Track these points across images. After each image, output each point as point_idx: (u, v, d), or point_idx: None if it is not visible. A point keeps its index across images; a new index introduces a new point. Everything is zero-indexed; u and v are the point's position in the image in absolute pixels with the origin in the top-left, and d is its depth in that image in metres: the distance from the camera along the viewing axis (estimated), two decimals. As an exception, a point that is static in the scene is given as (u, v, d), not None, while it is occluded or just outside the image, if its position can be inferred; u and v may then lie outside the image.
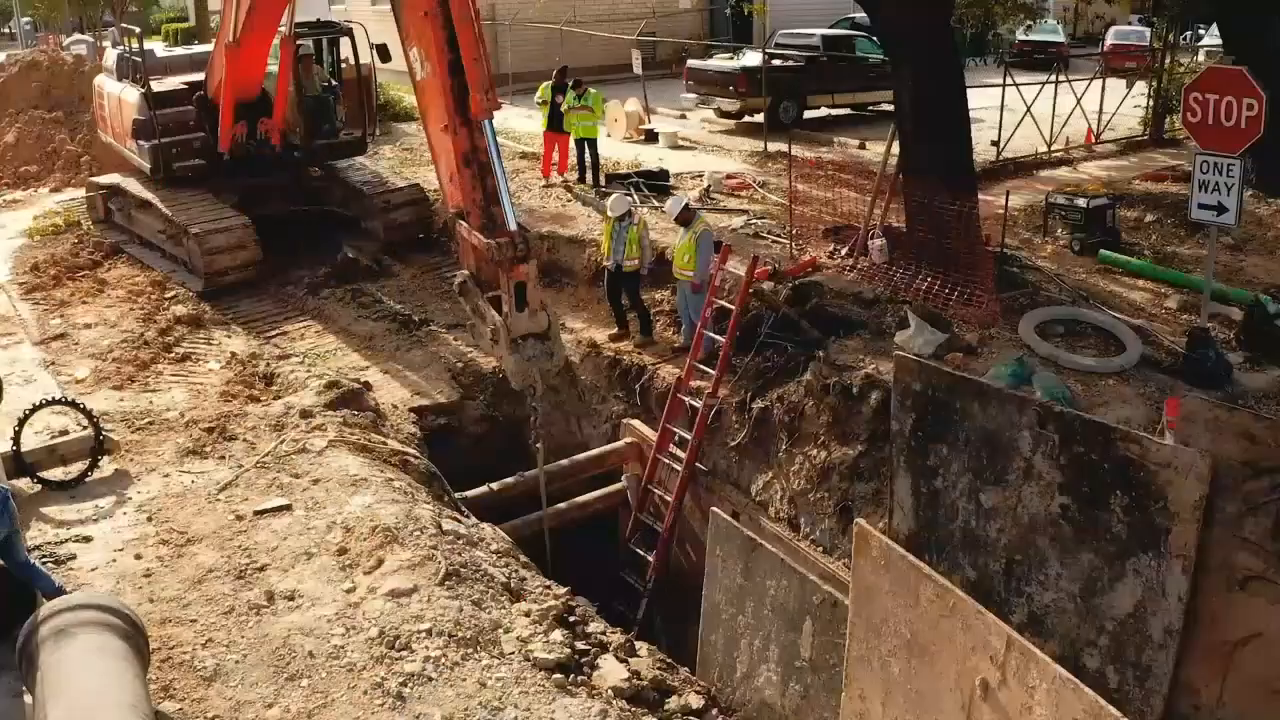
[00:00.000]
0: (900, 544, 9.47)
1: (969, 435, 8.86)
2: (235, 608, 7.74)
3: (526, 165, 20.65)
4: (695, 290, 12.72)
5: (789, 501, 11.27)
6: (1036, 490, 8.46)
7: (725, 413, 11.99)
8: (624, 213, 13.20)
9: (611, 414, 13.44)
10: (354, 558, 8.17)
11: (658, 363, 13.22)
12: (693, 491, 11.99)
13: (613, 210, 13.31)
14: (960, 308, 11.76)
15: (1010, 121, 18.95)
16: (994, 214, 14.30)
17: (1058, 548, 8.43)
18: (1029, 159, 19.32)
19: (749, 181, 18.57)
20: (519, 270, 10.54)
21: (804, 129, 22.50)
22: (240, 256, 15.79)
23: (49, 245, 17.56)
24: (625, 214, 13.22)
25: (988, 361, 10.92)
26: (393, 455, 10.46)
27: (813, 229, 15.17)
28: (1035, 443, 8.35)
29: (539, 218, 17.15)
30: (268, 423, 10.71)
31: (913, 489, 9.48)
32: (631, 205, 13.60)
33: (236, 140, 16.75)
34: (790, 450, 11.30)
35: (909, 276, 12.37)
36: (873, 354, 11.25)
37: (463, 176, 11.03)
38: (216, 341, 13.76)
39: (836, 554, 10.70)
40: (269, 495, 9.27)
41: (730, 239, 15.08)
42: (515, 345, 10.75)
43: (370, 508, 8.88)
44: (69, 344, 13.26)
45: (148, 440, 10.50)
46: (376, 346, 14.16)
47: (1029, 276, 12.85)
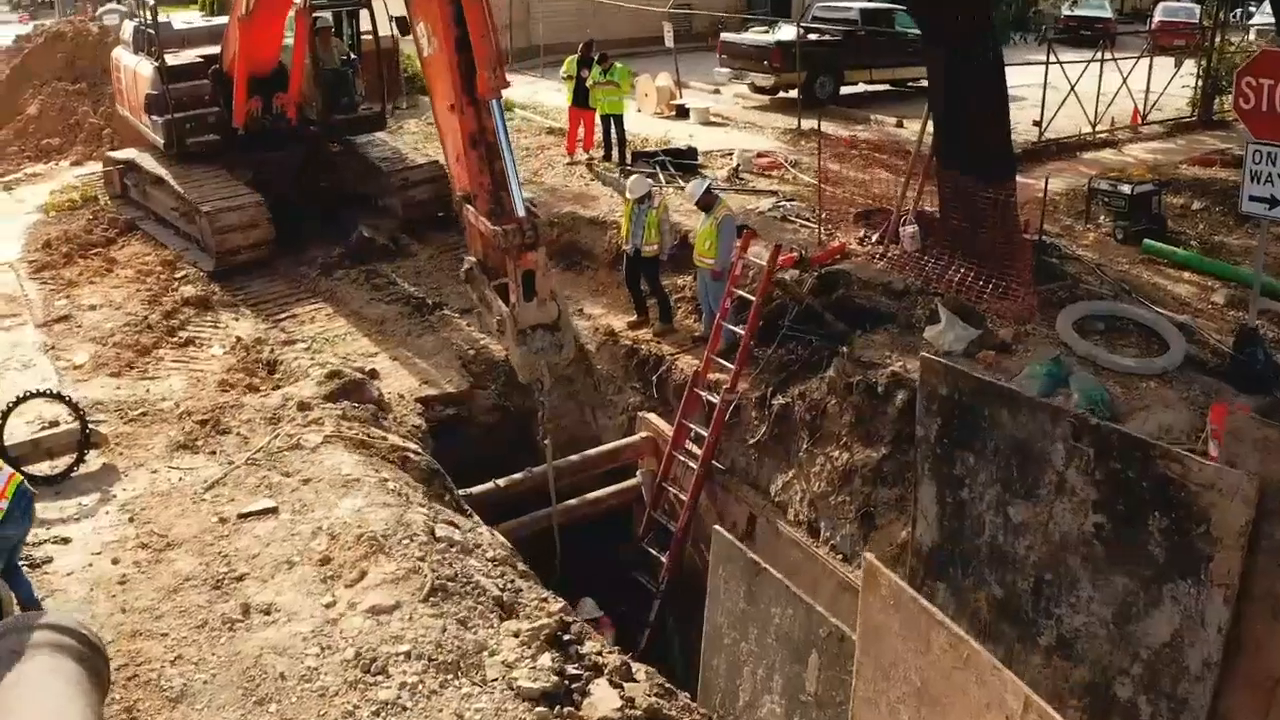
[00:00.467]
0: (923, 556, 8.98)
1: (998, 445, 8.26)
2: (209, 621, 7.31)
3: (553, 141, 20.05)
4: (716, 278, 12.13)
5: (809, 504, 10.71)
6: (1069, 507, 7.86)
7: (744, 408, 11.43)
8: (643, 194, 12.62)
9: (627, 405, 12.91)
10: (336, 568, 7.71)
11: (677, 353, 12.66)
12: (709, 490, 11.45)
13: (632, 192, 12.73)
14: (995, 301, 11.09)
15: (1053, 100, 18.09)
16: (1034, 198, 13.57)
17: (1090, 568, 7.85)
18: (1072, 140, 18.47)
19: (780, 161, 17.89)
20: (527, 258, 10.05)
21: (840, 105, 21.75)
22: (252, 235, 15.35)
23: (64, 221, 17.22)
24: (645, 196, 12.63)
25: (1022, 360, 10.27)
26: (392, 451, 9.98)
27: (844, 212, 14.49)
28: (1069, 456, 7.75)
29: (560, 197, 16.61)
30: (264, 415, 10.27)
31: (937, 498, 8.91)
32: (651, 187, 13.00)
33: (251, 115, 16.30)
34: (811, 450, 10.73)
35: (941, 267, 11.70)
36: (900, 350, 10.62)
37: (469, 158, 10.53)
38: (223, 325, 13.37)
39: (856, 562, 10.14)
40: (256, 495, 8.83)
41: (757, 222, 14.47)
42: (523, 336, 10.27)
43: (360, 512, 8.41)
44: (72, 327, 12.91)
45: (139, 433, 10.10)
46: (387, 331, 13.70)
47: (1068, 268, 12.13)
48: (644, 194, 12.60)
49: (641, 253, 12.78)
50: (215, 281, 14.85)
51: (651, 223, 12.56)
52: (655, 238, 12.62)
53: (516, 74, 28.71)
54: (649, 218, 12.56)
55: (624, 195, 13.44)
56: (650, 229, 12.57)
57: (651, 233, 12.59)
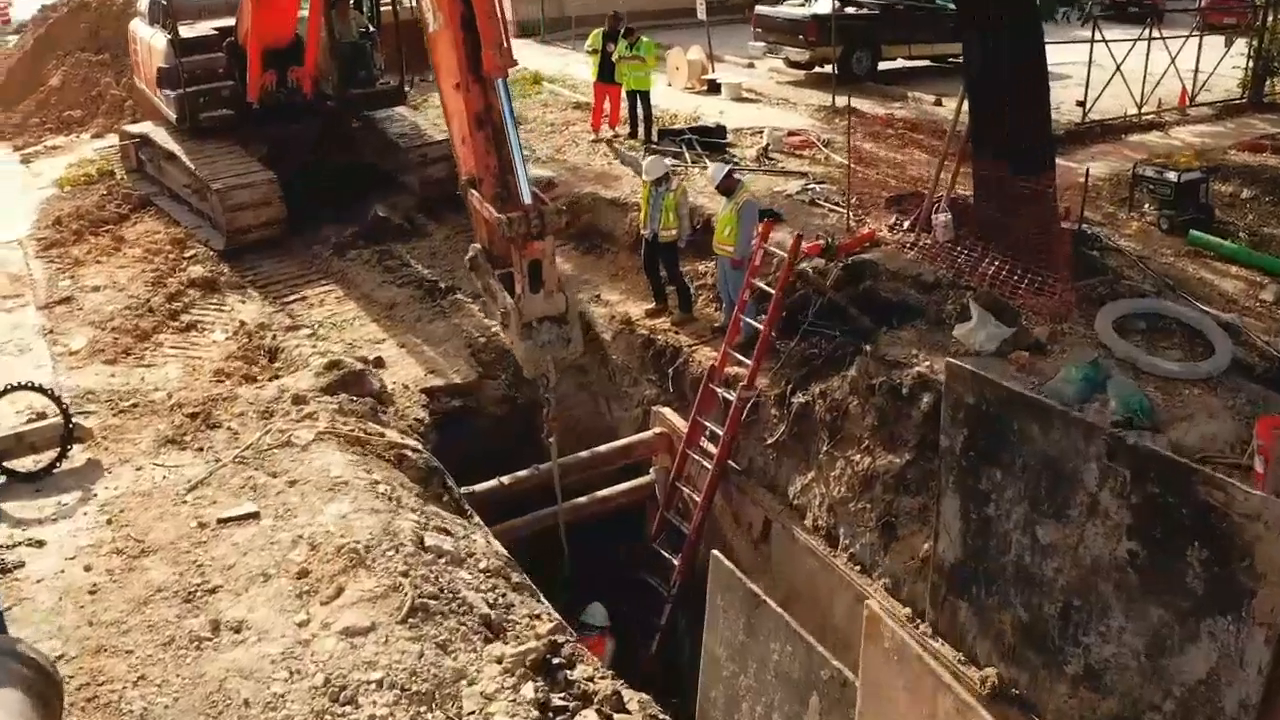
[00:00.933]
0: (945, 572, 8.43)
1: (1027, 460, 7.65)
2: (176, 638, 6.89)
3: (579, 117, 19.46)
4: (736, 267, 11.55)
5: (828, 509, 10.15)
6: (1101, 530, 7.25)
7: (763, 406, 10.87)
8: (661, 176, 12.03)
9: (643, 398, 12.39)
10: (314, 583, 7.26)
11: (695, 344, 12.10)
12: (724, 491, 10.93)
13: (648, 173, 12.16)
14: (1030, 297, 10.42)
15: (1098, 80, 17.20)
16: (1075, 183, 12.84)
17: (1123, 597, 7.24)
18: (1117, 121, 17.58)
19: (813, 140, 17.19)
20: (533, 248, 9.56)
21: (877, 82, 20.96)
22: (264, 214, 14.97)
23: (78, 196, 16.92)
24: (663, 178, 12.05)
25: (1058, 362, 9.63)
26: (388, 449, 9.52)
27: (876, 196, 13.81)
28: (1103, 476, 7.13)
29: (582, 176, 16.05)
30: (257, 408, 9.84)
31: (961, 513, 8.31)
32: (669, 168, 12.38)
33: (266, 90, 15.89)
34: (831, 453, 10.16)
35: (974, 259, 11.03)
36: (928, 348, 10.01)
37: (475, 140, 10.04)
38: (229, 308, 12.99)
39: (876, 572, 9.60)
40: (240, 498, 8.41)
41: (784, 206, 13.86)
42: (528, 330, 9.79)
43: (345, 519, 7.96)
44: (73, 309, 12.58)
45: (127, 426, 9.71)
46: (397, 316, 13.26)
47: (1109, 260, 11.41)
48: (661, 175, 12.02)
49: (659, 238, 12.21)
50: (225, 261, 14.51)
51: (669, 206, 11.99)
52: (674, 222, 12.05)
53: (547, 46, 28.26)
54: (666, 201, 11.99)
55: (641, 176, 12.87)
56: (668, 213, 12.00)
57: (669, 216, 12.02)
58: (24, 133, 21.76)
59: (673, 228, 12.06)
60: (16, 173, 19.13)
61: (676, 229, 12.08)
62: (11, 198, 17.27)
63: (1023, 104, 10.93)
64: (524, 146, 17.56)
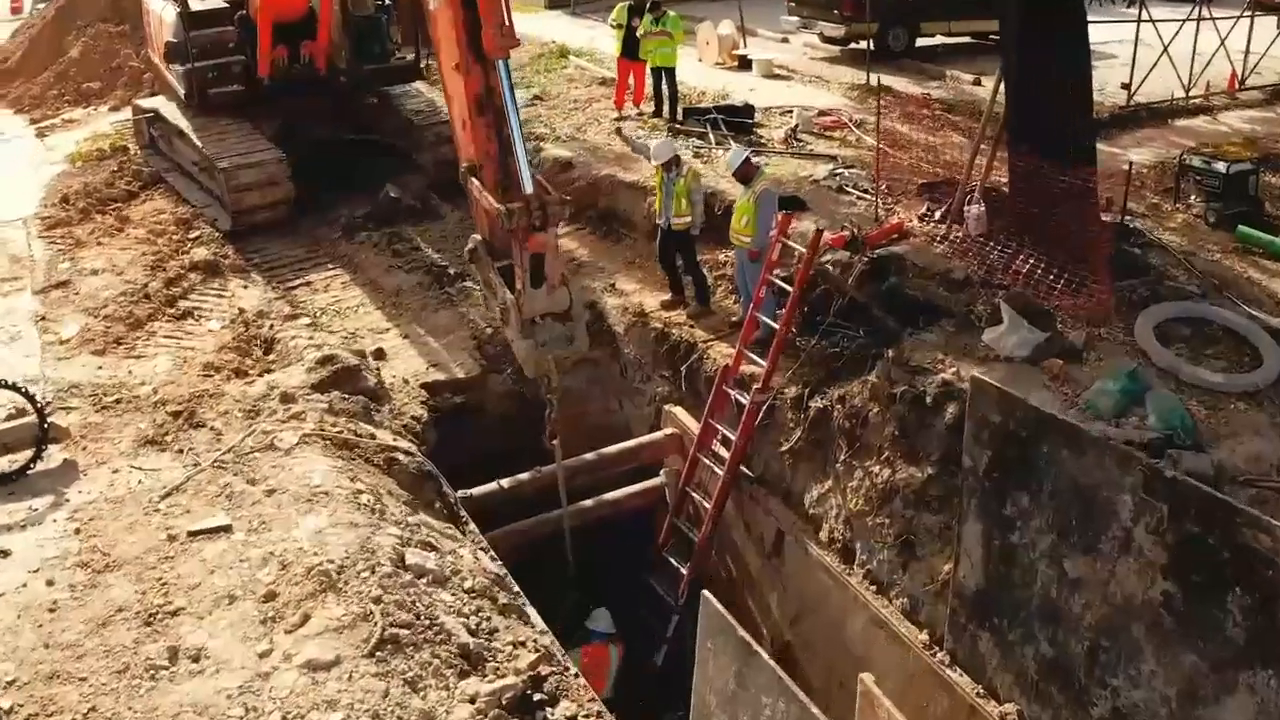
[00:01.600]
0: (967, 600, 7.82)
1: (1056, 487, 7.04)
2: (131, 666, 6.45)
3: (604, 93, 18.76)
4: (753, 259, 10.92)
5: (844, 522, 9.57)
6: (1135, 568, 6.65)
7: (779, 409, 10.27)
8: (669, 160, 11.41)
9: (656, 395, 11.82)
10: (280, 608, 6.79)
11: (711, 339, 11.50)
12: (735, 499, 10.36)
13: (656, 157, 11.56)
14: (1066, 298, 9.73)
15: (1144, 60, 16.28)
16: (1118, 171, 12.07)
17: (1155, 640, 6.65)
18: (1163, 105, 16.63)
19: (844, 120, 16.45)
20: (535, 240, 9.02)
21: (915, 59, 20.09)
22: (271, 195, 14.51)
23: (89, 172, 16.52)
24: (673, 162, 11.43)
25: (1094, 370, 8.95)
26: (378, 452, 9.05)
27: (908, 182, 13.10)
28: (1138, 511, 6.51)
29: (601, 157, 15.42)
30: (243, 407, 9.39)
31: (984, 538, 7.72)
32: (678, 150, 11.72)
33: (277, 65, 15.41)
34: (849, 462, 9.56)
35: (1008, 255, 10.34)
36: (955, 353, 9.36)
37: (475, 124, 9.48)
38: (229, 293, 12.55)
39: (894, 592, 9.01)
40: (214, 507, 7.95)
41: (809, 192, 13.18)
42: (529, 327, 9.26)
43: (320, 534, 7.48)
44: (69, 294, 12.18)
45: (109, 423, 9.30)
46: (402, 304, 12.76)
47: (1151, 258, 10.65)
48: (669, 159, 11.40)
49: (673, 226, 11.61)
50: (231, 242, 14.06)
51: (680, 192, 11.38)
52: (686, 209, 11.43)
53: (576, 18, 27.53)
54: (677, 187, 11.38)
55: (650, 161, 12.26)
56: (679, 199, 11.39)
57: (682, 203, 11.41)
58: (42, 105, 21.38)
59: (686, 215, 11.44)
60: (30, 146, 18.78)
61: (690, 216, 11.45)
62: (22, 173, 16.91)
63: (1063, 91, 10.17)
64: (545, 124, 17.31)
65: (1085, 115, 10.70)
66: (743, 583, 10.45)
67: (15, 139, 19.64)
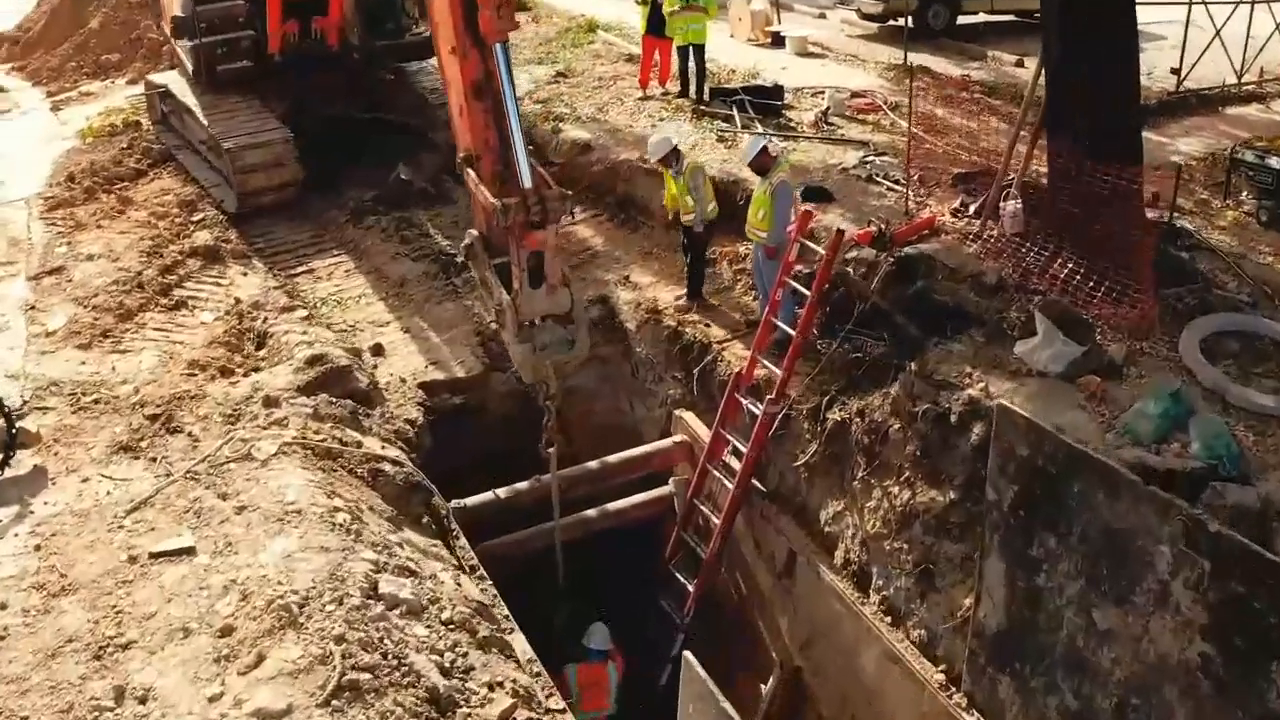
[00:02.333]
0: (987, 641, 7.18)
1: (1087, 530, 6.37)
2: (76, 706, 5.98)
3: (630, 71, 18.03)
4: (770, 256, 10.26)
5: (860, 544, 8.93)
6: (1171, 625, 5.99)
7: (794, 420, 9.63)
8: (666, 155, 10.79)
9: (667, 397, 11.20)
10: (235, 645, 6.28)
11: (726, 340, 10.85)
12: (746, 514, 9.76)
13: (652, 151, 10.97)
14: (1107, 306, 8.97)
15: (1195, 43, 15.28)
16: (1166, 162, 11.25)
17: (1190, 705, 6.02)
18: (1215, 91, 15.59)
19: (879, 103, 15.64)
20: (533, 238, 8.44)
21: (955, 38, 19.16)
22: (278, 176, 14.00)
23: (99, 149, 16.07)
24: (671, 156, 10.81)
25: (1134, 389, 8.21)
26: (363, 463, 8.52)
27: (942, 171, 12.32)
28: (1177, 564, 5.84)
29: (621, 140, 14.75)
30: (224, 411, 8.90)
31: (1007, 578, 7.07)
32: (676, 143, 11.03)
33: (288, 40, 14.84)
34: (867, 481, 8.91)
35: (1045, 258, 9.59)
36: (984, 365, 8.65)
37: (473, 111, 8.89)
38: (227, 281, 12.05)
39: (911, 622, 8.38)
40: (180, 525, 7.45)
41: (837, 181, 12.48)
42: (526, 330, 8.69)
43: (288, 559, 6.95)
44: (62, 281, 11.73)
45: (84, 426, 8.84)
46: (406, 295, 12.22)
47: (1199, 262, 9.84)
48: (667, 154, 10.78)
49: (681, 221, 11.00)
50: (236, 226, 13.57)
51: (681, 190, 10.79)
52: (693, 206, 10.81)
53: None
54: (677, 184, 10.84)
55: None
56: (683, 195, 10.80)
57: (687, 200, 10.79)
58: (60, 77, 21.02)
59: (691, 211, 10.82)
60: (45, 121, 18.38)
61: (694, 213, 10.83)
62: (33, 149, 16.50)
63: (1109, 81, 9.35)
64: (566, 102, 16.65)
65: (1132, 108, 9.84)
66: (753, 601, 9.86)
67: (31, 111, 19.28)
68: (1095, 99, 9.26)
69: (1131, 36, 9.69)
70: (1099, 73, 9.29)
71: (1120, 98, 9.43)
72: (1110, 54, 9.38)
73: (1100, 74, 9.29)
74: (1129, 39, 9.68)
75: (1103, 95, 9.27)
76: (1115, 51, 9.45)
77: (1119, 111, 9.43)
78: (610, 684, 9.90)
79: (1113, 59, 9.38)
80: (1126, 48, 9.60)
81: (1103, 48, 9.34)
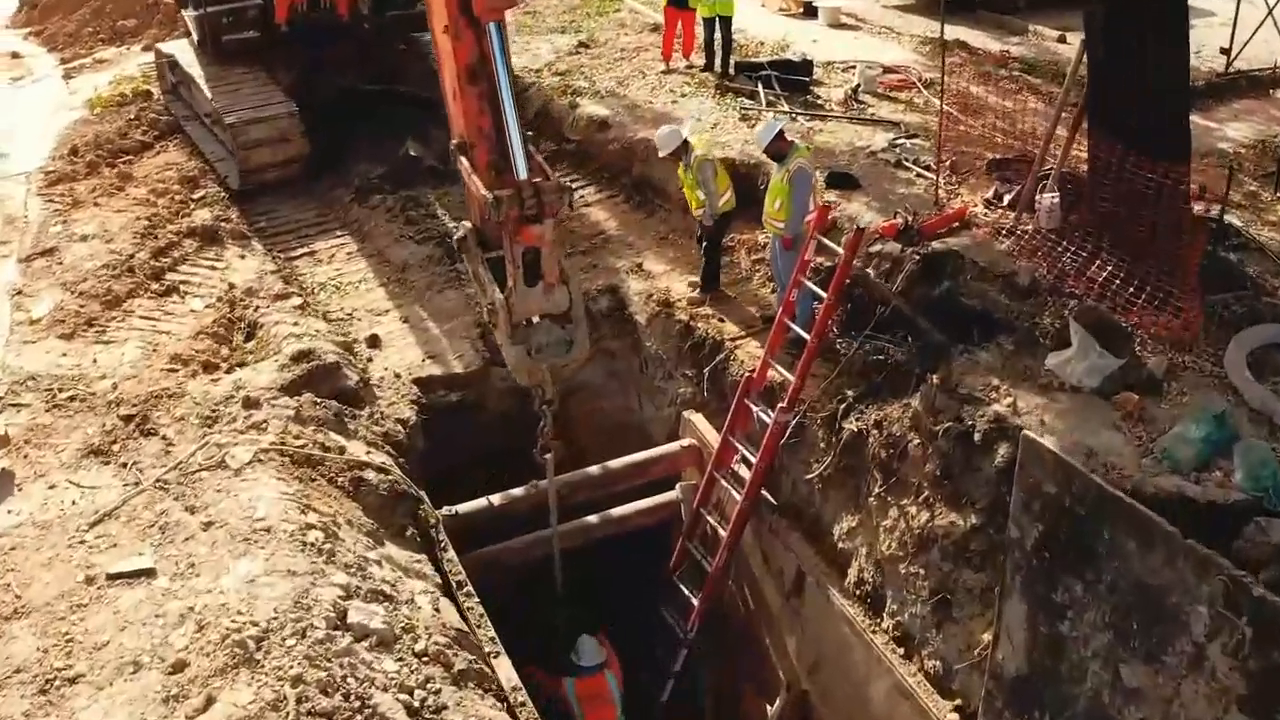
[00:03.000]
0: (1005, 685, 6.61)
1: (1117, 580, 5.77)
2: (12, 751, 5.56)
3: (654, 42, 17.25)
4: (788, 247, 9.65)
5: (875, 565, 8.36)
6: (1205, 691, 5.40)
7: (808, 428, 9.04)
8: (675, 150, 10.26)
9: (677, 396, 10.62)
10: (184, 685, 5.81)
11: (740, 337, 10.26)
12: (754, 527, 9.19)
13: (661, 146, 10.44)
14: (1148, 314, 8.30)
15: (1248, 20, 14.33)
16: (1213, 150, 10.47)
17: (1225, 778, 5.37)
18: (1267, 73, 14.63)
19: (912, 80, 14.86)
20: (528, 234, 7.89)
21: (996, 10, 18.23)
22: (283, 152, 13.50)
23: (107, 119, 15.59)
24: (680, 150, 10.28)
25: (1175, 407, 7.57)
26: (344, 470, 8.03)
27: (976, 157, 11.59)
28: (1215, 627, 5.25)
29: (639, 116, 14.10)
30: (201, 412, 8.42)
31: (1028, 621, 6.48)
32: (686, 137, 10.44)
33: (295, 10, 14.27)
34: (883, 498, 8.32)
35: (1082, 259, 8.90)
36: (1013, 377, 8.02)
37: (466, 95, 8.34)
38: (223, 264, 11.58)
39: (925, 651, 7.82)
40: (143, 542, 7.00)
41: (863, 167, 11.79)
42: (521, 331, 8.16)
43: (251, 585, 6.49)
44: (53, 263, 11.29)
45: (57, 427, 8.40)
46: (407, 281, 11.70)
47: (1248, 264, 9.09)
48: (675, 149, 10.28)
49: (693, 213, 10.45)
50: (239, 203, 13.10)
51: (690, 184, 10.30)
52: (702, 199, 10.28)
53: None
54: (687, 178, 10.35)
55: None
56: (692, 189, 10.30)
57: (697, 194, 10.28)
58: (76, 43, 20.56)
59: (701, 205, 10.28)
60: (56, 89, 17.93)
61: (705, 207, 10.25)
62: (41, 120, 16.04)
63: (1156, 69, 8.58)
64: (586, 75, 15.99)
65: (1180, 100, 9.04)
66: (760, 618, 9.31)
67: (44, 79, 18.84)
68: (1140, 88, 8.51)
69: (1182, 18, 8.91)
70: (1145, 59, 8.51)
71: (1169, 88, 8.66)
72: (1158, 38, 8.60)
73: (1147, 60, 8.51)
74: (1179, 20, 8.90)
75: (1149, 84, 8.50)
76: (1164, 34, 8.66)
77: (1166, 103, 8.66)
78: (613, 693, 9.42)
79: (1161, 43, 8.59)
80: (1177, 30, 8.81)
81: (1150, 31, 8.55)
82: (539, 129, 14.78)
